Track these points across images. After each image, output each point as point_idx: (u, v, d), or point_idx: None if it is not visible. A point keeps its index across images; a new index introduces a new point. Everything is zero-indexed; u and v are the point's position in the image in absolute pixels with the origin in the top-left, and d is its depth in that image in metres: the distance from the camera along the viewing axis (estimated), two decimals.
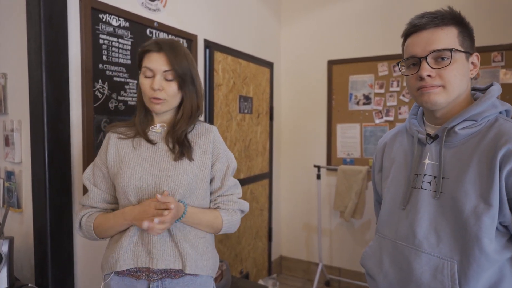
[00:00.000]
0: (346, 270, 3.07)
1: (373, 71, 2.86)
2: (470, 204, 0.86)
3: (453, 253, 0.88)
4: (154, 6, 1.91)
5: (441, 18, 0.90)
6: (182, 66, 1.09)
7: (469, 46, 0.93)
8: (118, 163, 1.13)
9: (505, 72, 2.44)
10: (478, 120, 0.90)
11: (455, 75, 0.89)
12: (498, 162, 0.84)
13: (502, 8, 2.44)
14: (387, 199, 1.05)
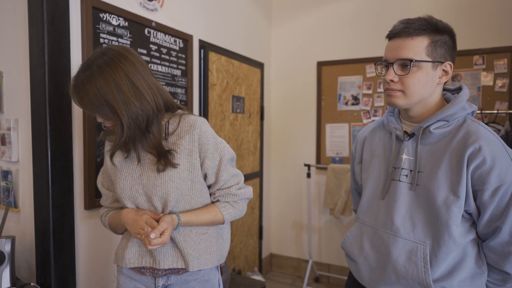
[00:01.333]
0: (335, 266, 3.15)
1: (361, 73, 2.95)
2: (441, 196, 0.97)
3: (426, 238, 1.00)
4: (152, 6, 1.93)
5: (414, 28, 0.97)
6: (94, 105, 1.02)
7: (441, 54, 0.99)
8: (113, 170, 1.16)
9: (485, 74, 2.58)
10: (450, 120, 1.00)
11: (415, 83, 0.98)
12: (466, 159, 0.95)
13: (483, 14, 2.57)
14: (367, 189, 1.14)
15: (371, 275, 1.09)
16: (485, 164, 0.93)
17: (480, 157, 0.93)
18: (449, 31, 1.00)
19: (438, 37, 0.98)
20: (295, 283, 3.18)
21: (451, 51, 1.01)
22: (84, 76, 1.01)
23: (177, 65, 2.10)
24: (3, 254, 1.37)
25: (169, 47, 2.03)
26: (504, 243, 0.96)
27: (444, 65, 1.01)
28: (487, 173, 0.93)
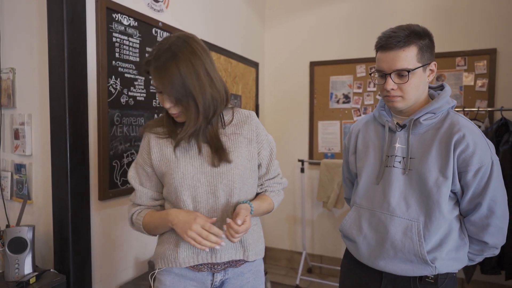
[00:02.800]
0: (327, 257, 3.30)
1: (352, 72, 3.11)
2: (432, 178, 1.11)
3: (419, 216, 1.14)
4: (158, 7, 2.02)
5: (404, 40, 1.08)
6: (173, 88, 1.01)
7: (428, 57, 1.12)
8: (165, 162, 1.11)
9: (467, 75, 2.77)
10: (437, 113, 1.14)
11: (412, 88, 1.12)
12: (453, 145, 1.09)
13: (465, 19, 2.76)
14: (364, 177, 1.27)
15: (370, 252, 1.21)
16: (468, 149, 1.08)
17: (464, 143, 1.08)
18: (428, 34, 1.14)
19: (422, 42, 1.11)
20: (288, 274, 3.32)
21: (432, 51, 1.15)
22: (166, 57, 1.00)
23: None
24: (25, 241, 1.44)
25: None
26: (483, 217, 1.12)
27: (431, 65, 1.15)
28: (470, 156, 1.08)
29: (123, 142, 1.79)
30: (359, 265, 1.27)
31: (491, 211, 1.11)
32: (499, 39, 2.68)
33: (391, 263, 1.17)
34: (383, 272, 1.20)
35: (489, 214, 1.11)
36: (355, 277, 1.29)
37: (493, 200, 1.11)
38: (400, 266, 1.15)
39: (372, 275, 1.23)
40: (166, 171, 1.10)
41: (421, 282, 1.15)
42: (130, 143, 1.82)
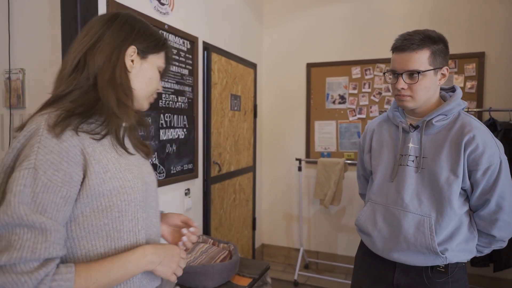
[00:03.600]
0: (323, 253, 3.40)
1: (347, 74, 3.21)
2: (444, 176, 1.18)
3: (431, 211, 1.21)
4: (164, 10, 2.07)
5: (418, 43, 1.16)
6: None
7: (440, 61, 1.18)
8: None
9: (457, 77, 2.90)
10: (448, 115, 1.21)
11: (421, 89, 1.18)
12: (463, 145, 1.17)
13: (455, 23, 2.89)
14: (378, 174, 1.34)
15: (384, 245, 1.29)
16: (478, 149, 1.15)
17: (474, 143, 1.15)
18: (443, 40, 1.21)
19: (436, 47, 1.18)
20: (286, 270, 3.40)
21: (446, 56, 1.22)
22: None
23: (185, 65, 2.25)
24: None
25: (178, 48, 2.18)
26: (491, 212, 1.19)
27: (442, 69, 1.21)
28: (479, 156, 1.15)
29: None
30: (373, 256, 1.35)
31: (499, 207, 1.18)
32: (487, 43, 2.81)
33: (404, 255, 1.24)
34: (397, 262, 1.27)
35: (497, 209, 1.18)
36: (369, 267, 1.37)
37: (501, 196, 1.17)
38: (413, 257, 1.23)
39: (386, 266, 1.30)
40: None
41: (433, 271, 1.23)
42: None
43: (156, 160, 2.01)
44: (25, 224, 0.68)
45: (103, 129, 0.80)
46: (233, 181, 2.96)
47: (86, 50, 0.84)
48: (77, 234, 0.77)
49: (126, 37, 0.87)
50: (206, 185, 2.54)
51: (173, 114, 2.14)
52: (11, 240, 0.67)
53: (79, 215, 0.77)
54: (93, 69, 0.83)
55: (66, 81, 0.83)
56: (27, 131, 0.75)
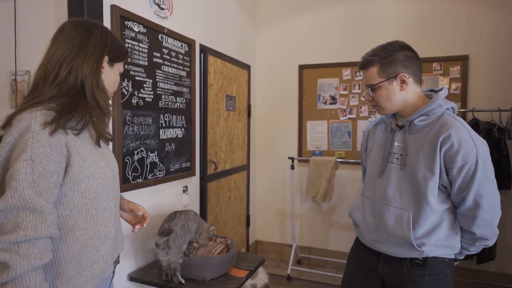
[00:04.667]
0: (315, 249, 3.51)
1: (338, 75, 3.33)
2: (421, 173, 1.26)
3: (410, 206, 1.30)
4: (164, 14, 2.16)
5: (366, 63, 1.33)
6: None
7: (392, 72, 1.29)
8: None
9: (442, 79, 3.04)
10: (430, 115, 1.30)
11: (381, 99, 1.33)
12: (439, 144, 1.23)
13: (440, 28, 3.03)
14: (369, 170, 1.47)
15: (370, 236, 1.40)
16: (453, 147, 1.20)
17: (449, 142, 1.20)
18: (399, 49, 1.30)
19: (386, 59, 1.29)
20: (279, 265, 3.51)
21: (405, 64, 1.29)
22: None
23: (183, 67, 2.34)
24: None
25: (177, 50, 2.27)
26: (469, 209, 1.23)
27: (398, 78, 1.29)
28: (454, 154, 1.20)
29: (134, 140, 1.92)
30: (363, 247, 1.46)
31: (477, 205, 1.22)
32: (471, 46, 2.96)
33: (385, 246, 1.34)
34: (381, 253, 1.38)
35: (475, 207, 1.22)
36: (360, 257, 1.48)
37: (479, 194, 1.21)
38: (393, 248, 1.33)
39: (373, 256, 1.41)
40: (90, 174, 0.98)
41: (411, 263, 1.31)
42: (140, 141, 1.96)
43: (156, 158, 2.09)
44: (28, 207, 0.83)
45: (80, 125, 0.96)
46: (228, 179, 3.06)
47: (73, 60, 0.99)
48: (62, 213, 0.94)
49: (103, 49, 1.04)
50: (203, 183, 2.63)
51: (172, 114, 2.23)
52: (17, 222, 0.83)
53: (63, 197, 0.94)
54: (80, 77, 0.99)
55: (59, 85, 0.97)
56: (19, 127, 0.88)
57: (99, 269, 1.00)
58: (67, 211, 0.94)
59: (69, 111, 0.95)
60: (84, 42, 1.01)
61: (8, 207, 0.82)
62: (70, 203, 0.94)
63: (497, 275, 2.92)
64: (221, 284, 1.83)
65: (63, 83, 0.98)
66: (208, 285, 1.82)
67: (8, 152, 0.88)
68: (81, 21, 1.06)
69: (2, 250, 0.81)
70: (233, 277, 1.93)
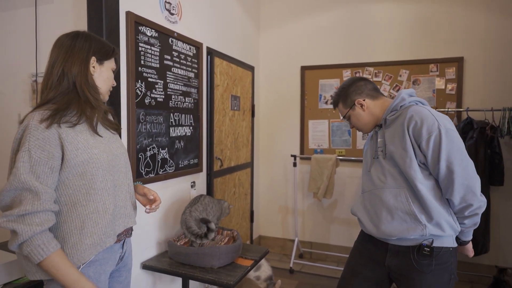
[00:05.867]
0: (317, 243, 3.64)
1: (338, 76, 3.46)
2: (397, 154, 1.42)
3: (401, 184, 1.43)
4: (173, 19, 2.30)
5: (334, 103, 1.69)
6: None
7: (350, 102, 1.60)
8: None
9: (439, 80, 3.16)
10: (398, 109, 1.49)
11: (355, 123, 1.63)
12: (406, 125, 1.39)
13: (437, 30, 3.15)
14: (362, 170, 1.66)
15: (373, 222, 1.51)
16: (417, 124, 1.37)
17: (413, 121, 1.38)
18: (350, 84, 1.61)
19: (343, 96, 1.63)
20: (282, 259, 3.64)
21: (356, 92, 1.59)
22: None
23: (191, 69, 2.48)
24: None
25: (185, 53, 2.40)
26: (445, 176, 1.34)
27: (356, 104, 1.58)
28: (419, 129, 1.36)
29: (147, 137, 2.05)
30: (369, 241, 1.57)
31: (450, 171, 1.33)
32: (466, 49, 3.08)
33: (389, 225, 1.43)
34: (388, 245, 1.48)
35: (449, 173, 1.33)
36: (365, 250, 1.60)
37: (449, 161, 1.32)
38: (397, 227, 1.41)
39: (380, 249, 1.52)
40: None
41: (419, 253, 1.39)
42: (152, 139, 2.09)
43: (166, 155, 2.23)
44: (27, 188, 1.05)
45: (76, 119, 1.15)
46: (233, 175, 3.19)
47: (62, 65, 1.18)
48: (66, 192, 1.14)
49: (88, 51, 1.22)
50: (210, 179, 2.77)
51: (181, 114, 2.36)
52: (21, 199, 1.05)
53: (65, 180, 1.13)
54: (71, 77, 1.18)
55: (55, 87, 1.17)
56: (23, 126, 1.10)
57: (99, 239, 1.17)
58: (70, 191, 1.14)
59: (65, 108, 1.14)
60: (70, 48, 1.20)
61: (12, 188, 1.05)
62: (71, 184, 1.14)
63: (491, 267, 3.04)
64: (228, 272, 1.96)
65: (58, 86, 1.17)
66: (216, 272, 1.95)
67: (16, 146, 1.11)
68: (70, 32, 1.26)
69: (11, 221, 1.04)
70: (239, 265, 2.06)
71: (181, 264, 2.03)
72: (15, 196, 1.06)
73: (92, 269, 1.19)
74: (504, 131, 2.74)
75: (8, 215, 1.04)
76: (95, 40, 1.26)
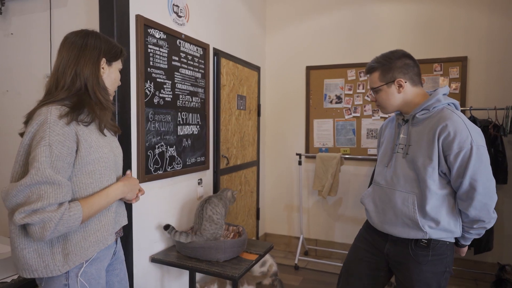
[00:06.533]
0: (321, 241, 3.70)
1: (343, 76, 3.51)
2: (421, 160, 1.42)
3: (414, 190, 1.46)
4: (181, 22, 2.37)
5: (369, 69, 1.55)
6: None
7: (390, 77, 1.48)
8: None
9: (443, 79, 3.19)
10: (430, 109, 1.46)
11: (382, 100, 1.53)
12: (437, 134, 1.37)
13: (440, 29, 3.18)
14: (379, 161, 1.64)
15: (379, 219, 1.56)
16: (450, 136, 1.34)
17: (446, 131, 1.35)
18: (399, 57, 1.48)
19: (386, 66, 1.49)
20: (287, 256, 3.70)
21: (402, 70, 1.47)
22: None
23: (198, 69, 2.55)
24: None
25: (193, 54, 2.48)
26: (466, 192, 1.36)
27: (395, 82, 1.48)
28: (451, 142, 1.34)
29: (155, 135, 2.14)
30: (374, 230, 1.62)
31: (472, 188, 1.34)
32: (470, 48, 3.11)
33: (392, 227, 1.50)
34: (388, 235, 1.53)
35: (471, 190, 1.35)
36: (368, 238, 1.65)
37: (474, 178, 1.33)
38: (399, 229, 1.48)
39: (381, 238, 1.58)
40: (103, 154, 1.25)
41: (416, 244, 1.45)
42: (160, 137, 2.18)
43: (174, 152, 2.31)
44: (49, 182, 1.05)
45: (89, 118, 1.19)
46: (239, 173, 3.26)
47: (75, 66, 1.20)
48: (72, 189, 1.15)
49: (99, 53, 1.25)
50: (216, 176, 2.84)
51: (188, 113, 2.44)
52: (41, 193, 1.04)
53: (73, 177, 1.15)
54: (83, 79, 1.20)
55: (68, 88, 1.18)
56: (39, 120, 1.10)
57: (102, 236, 1.22)
58: (76, 188, 1.16)
59: (79, 108, 1.17)
60: (82, 48, 1.22)
61: (33, 183, 1.04)
62: (79, 182, 1.16)
63: (495, 265, 3.06)
64: (233, 265, 2.03)
65: (72, 87, 1.19)
66: (222, 265, 2.03)
67: (30, 140, 1.10)
68: (79, 31, 1.27)
69: (32, 213, 1.03)
70: (244, 259, 2.13)
71: (188, 257, 2.11)
72: (31, 192, 1.04)
73: (94, 266, 1.22)
74: (507, 130, 2.76)
75: (26, 210, 1.01)
76: (104, 40, 1.28)
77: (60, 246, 1.12)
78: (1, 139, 2.39)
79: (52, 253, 1.11)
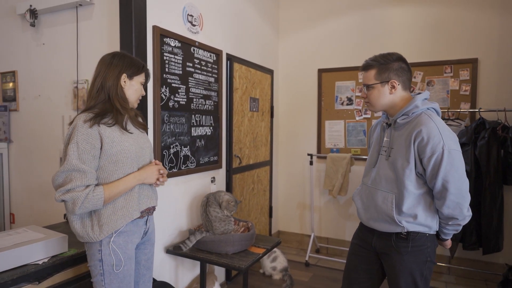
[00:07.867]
0: (333, 239, 3.79)
1: (354, 78, 3.59)
2: (400, 162, 1.52)
3: (393, 189, 1.57)
4: (195, 30, 2.54)
5: (366, 66, 1.59)
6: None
7: (385, 77, 1.53)
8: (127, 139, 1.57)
9: (453, 81, 3.22)
10: (409, 114, 1.56)
11: (373, 98, 1.59)
12: (413, 138, 1.47)
13: (451, 32, 3.21)
14: (367, 162, 1.76)
15: (365, 215, 1.69)
16: (423, 141, 1.45)
17: (420, 136, 1.45)
18: (396, 60, 1.55)
19: (383, 66, 1.55)
20: (299, 253, 3.81)
21: (397, 73, 1.54)
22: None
23: (212, 74, 2.72)
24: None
25: (206, 60, 2.65)
26: (439, 192, 1.47)
27: (390, 83, 1.55)
28: (424, 146, 1.45)
29: (170, 136, 2.31)
30: (363, 226, 1.76)
31: (445, 188, 1.45)
32: (480, 50, 3.13)
33: (376, 222, 1.63)
34: (375, 230, 1.66)
35: (444, 190, 1.45)
36: (362, 235, 1.77)
37: (445, 180, 1.44)
38: (381, 224, 1.61)
39: (369, 233, 1.70)
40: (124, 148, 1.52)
41: (397, 237, 1.58)
42: (175, 137, 2.35)
43: (188, 152, 2.48)
44: (77, 169, 1.37)
45: (112, 121, 1.48)
46: (252, 172, 3.40)
47: (101, 79, 1.50)
48: (103, 176, 1.45)
49: (120, 70, 1.52)
50: (229, 175, 3.00)
51: (202, 115, 2.61)
52: (71, 177, 1.37)
53: (102, 165, 1.45)
54: (107, 90, 1.50)
55: (95, 98, 1.50)
56: (73, 125, 1.43)
57: (127, 211, 1.49)
58: (105, 174, 1.45)
59: (104, 113, 1.46)
60: (108, 65, 1.51)
61: (66, 170, 1.37)
62: (107, 169, 1.45)
63: (505, 266, 3.06)
64: (241, 257, 2.18)
65: (97, 96, 1.49)
66: (231, 257, 2.17)
67: (67, 140, 1.43)
68: (111, 52, 1.58)
69: (66, 192, 1.36)
70: (252, 253, 2.27)
71: (199, 250, 2.27)
72: (66, 176, 1.37)
73: (121, 238, 1.49)
74: None
75: (62, 190, 1.36)
76: (127, 58, 1.56)
77: (96, 219, 1.44)
78: (35, 138, 2.63)
79: (92, 224, 1.44)
